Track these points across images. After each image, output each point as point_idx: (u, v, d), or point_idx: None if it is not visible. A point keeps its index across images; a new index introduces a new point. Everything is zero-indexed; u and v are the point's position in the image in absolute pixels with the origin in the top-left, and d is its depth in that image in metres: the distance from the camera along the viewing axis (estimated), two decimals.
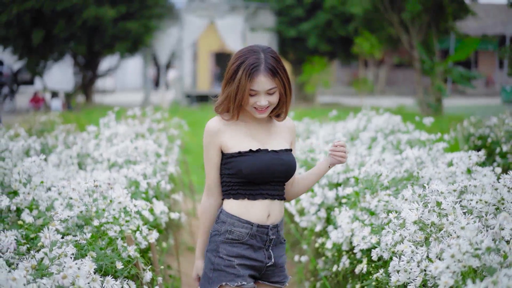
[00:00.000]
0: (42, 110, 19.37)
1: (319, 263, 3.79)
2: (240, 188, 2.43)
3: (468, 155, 3.34)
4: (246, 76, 2.34)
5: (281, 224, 2.52)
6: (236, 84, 2.36)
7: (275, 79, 2.37)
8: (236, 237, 2.41)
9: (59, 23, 21.19)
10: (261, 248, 2.44)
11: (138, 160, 4.05)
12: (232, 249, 2.41)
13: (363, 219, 3.06)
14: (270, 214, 2.45)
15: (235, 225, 2.41)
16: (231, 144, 2.42)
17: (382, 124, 5.36)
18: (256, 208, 2.42)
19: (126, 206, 2.90)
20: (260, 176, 2.39)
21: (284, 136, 2.54)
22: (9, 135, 4.54)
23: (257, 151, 2.41)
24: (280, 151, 2.46)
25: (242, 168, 2.38)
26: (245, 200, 2.42)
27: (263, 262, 2.45)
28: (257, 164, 2.38)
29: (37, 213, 3.03)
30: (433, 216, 2.29)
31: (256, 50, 2.38)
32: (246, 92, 2.35)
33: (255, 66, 2.35)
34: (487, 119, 6.49)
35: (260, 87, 2.36)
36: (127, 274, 2.56)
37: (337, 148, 2.53)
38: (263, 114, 2.42)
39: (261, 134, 2.48)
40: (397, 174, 3.44)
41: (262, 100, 2.37)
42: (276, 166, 2.42)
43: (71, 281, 1.86)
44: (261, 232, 2.42)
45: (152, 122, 5.98)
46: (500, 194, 2.57)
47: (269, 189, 2.44)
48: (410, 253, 2.16)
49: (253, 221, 2.41)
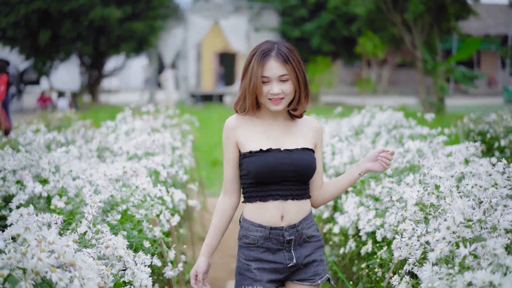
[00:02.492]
0: (49, 110, 19.64)
1: (327, 248, 4.03)
2: (253, 190, 2.40)
3: (465, 146, 3.57)
4: (257, 63, 2.32)
5: (304, 222, 2.43)
6: (250, 73, 2.34)
7: (286, 65, 2.33)
8: (251, 241, 2.39)
9: (65, 23, 21.48)
10: (280, 249, 2.39)
11: (156, 152, 4.32)
12: (249, 253, 2.39)
13: (368, 204, 3.31)
14: (284, 215, 2.38)
15: (250, 230, 2.40)
16: (245, 142, 2.40)
17: (385, 120, 5.60)
18: (267, 210, 2.37)
19: (149, 193, 3.14)
20: (268, 176, 2.35)
21: (305, 136, 2.46)
22: (31, 130, 4.80)
23: (267, 151, 2.36)
24: (295, 150, 2.39)
25: (251, 168, 2.36)
26: (257, 202, 2.39)
27: (283, 264, 2.39)
28: (265, 163, 2.34)
29: (67, 199, 3.28)
30: (432, 197, 2.53)
31: (270, 41, 2.39)
32: (259, 80, 2.32)
33: (266, 53, 2.34)
34: (487, 116, 6.72)
35: (271, 73, 2.32)
36: (153, 251, 2.81)
37: (386, 155, 2.45)
38: (278, 106, 2.36)
39: (278, 133, 2.43)
40: (399, 165, 3.68)
41: (275, 88, 2.32)
42: (286, 165, 2.36)
43: (113, 251, 2.11)
44: (275, 234, 2.38)
45: (166, 118, 6.25)
46: (493, 180, 2.81)
47: (280, 189, 2.37)
48: (411, 230, 2.40)
49: (265, 224, 2.37)
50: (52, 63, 23.57)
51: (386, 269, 2.83)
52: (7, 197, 3.34)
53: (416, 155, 3.93)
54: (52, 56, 23.00)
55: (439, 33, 19.39)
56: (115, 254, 2.14)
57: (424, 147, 4.06)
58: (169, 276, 2.89)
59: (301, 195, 2.43)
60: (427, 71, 19.16)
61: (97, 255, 2.14)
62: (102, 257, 2.17)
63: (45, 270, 1.71)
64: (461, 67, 19.79)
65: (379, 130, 5.38)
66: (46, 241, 1.75)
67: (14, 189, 3.33)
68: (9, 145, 4.19)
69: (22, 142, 4.23)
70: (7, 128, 9.82)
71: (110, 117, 7.57)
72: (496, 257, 1.71)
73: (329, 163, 4.40)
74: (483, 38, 22.98)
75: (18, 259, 1.69)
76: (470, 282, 1.63)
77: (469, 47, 18.57)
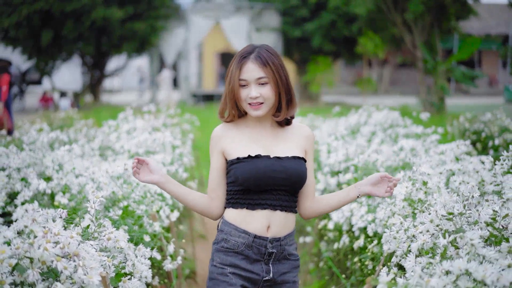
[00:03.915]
0: (51, 110, 19.78)
1: (322, 245, 4.15)
2: (240, 197, 2.31)
3: (456, 145, 3.68)
4: (235, 67, 2.28)
5: (288, 238, 2.35)
6: (229, 78, 2.30)
7: (265, 68, 2.26)
8: (231, 246, 2.30)
9: (67, 24, 21.61)
10: (259, 260, 2.31)
11: (156, 150, 4.44)
12: (226, 257, 2.30)
13: (361, 201, 3.42)
14: (271, 225, 2.30)
15: (232, 234, 2.30)
16: (232, 150, 2.33)
17: (382, 119, 5.71)
18: (255, 218, 2.29)
19: (149, 189, 3.26)
20: (257, 183, 2.26)
21: (296, 143, 2.38)
22: (35, 129, 4.92)
23: (256, 157, 2.28)
24: (285, 158, 2.31)
25: (238, 174, 2.28)
26: (244, 209, 2.30)
27: (259, 275, 2.30)
28: (254, 170, 2.26)
29: (70, 196, 3.39)
30: (420, 193, 2.64)
31: (252, 45, 2.34)
32: (236, 83, 2.27)
33: (245, 56, 2.29)
34: (482, 115, 6.83)
35: (249, 76, 2.27)
36: (153, 245, 2.92)
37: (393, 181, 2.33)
38: (257, 111, 2.29)
39: (267, 140, 2.36)
40: (393, 163, 3.79)
41: (253, 91, 2.26)
42: (276, 173, 2.27)
43: (114, 243, 2.23)
44: (258, 243, 2.29)
45: (167, 117, 6.37)
46: (480, 176, 2.93)
47: (269, 199, 2.29)
48: (399, 224, 2.51)
49: (250, 231, 2.29)
50: (54, 63, 23.70)
51: (377, 262, 2.94)
52: (12, 194, 3.45)
53: (410, 153, 4.04)
54: (54, 56, 23.13)
55: (439, 33, 19.47)
56: (117, 246, 2.26)
57: (417, 145, 4.17)
58: (168, 269, 3.00)
59: (290, 207, 2.34)
60: (427, 71, 19.23)
61: (100, 247, 2.25)
62: (104, 249, 2.29)
63: (51, 260, 1.82)
64: (462, 67, 19.86)
65: (375, 129, 5.49)
66: (52, 232, 1.87)
67: (19, 186, 3.45)
68: (13, 144, 4.31)
69: (26, 141, 4.35)
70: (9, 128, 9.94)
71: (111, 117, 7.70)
72: (473, 247, 1.82)
73: (324, 161, 4.51)
74: (484, 38, 23.07)
75: (26, 249, 1.81)
76: (448, 270, 1.73)
77: (469, 47, 18.63)
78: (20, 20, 20.92)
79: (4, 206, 3.32)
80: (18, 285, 1.80)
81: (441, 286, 1.69)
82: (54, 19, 21.53)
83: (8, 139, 4.90)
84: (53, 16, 21.42)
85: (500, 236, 2.07)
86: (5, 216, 3.28)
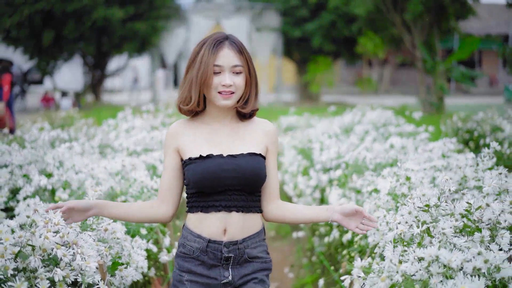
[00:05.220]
0: (52, 109, 19.92)
1: (315, 240, 4.28)
2: (196, 200, 2.18)
3: (443, 142, 3.81)
4: (209, 51, 2.12)
5: (250, 241, 2.19)
6: (199, 62, 2.13)
7: (241, 56, 2.15)
8: (187, 252, 2.18)
9: (69, 24, 21.76)
10: (216, 266, 2.17)
11: (154, 148, 4.57)
12: (183, 263, 2.19)
13: (350, 196, 3.55)
14: (227, 228, 2.16)
15: (188, 239, 2.19)
16: (187, 149, 2.19)
17: (375, 118, 5.84)
18: (209, 221, 2.15)
19: (146, 185, 3.39)
20: (208, 184, 2.12)
21: (255, 139, 2.23)
22: (37, 127, 5.06)
23: (207, 157, 2.14)
24: (240, 156, 2.16)
25: (190, 176, 2.15)
26: (199, 213, 2.17)
27: (217, 280, 2.17)
28: (204, 171, 2.12)
29: (70, 191, 3.53)
30: (404, 188, 2.77)
31: (220, 32, 2.20)
32: (210, 68, 2.11)
33: (220, 41, 2.15)
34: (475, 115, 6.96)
35: (225, 62, 2.13)
36: (149, 238, 3.06)
37: (370, 222, 2.17)
38: (227, 100, 2.15)
39: (223, 137, 2.21)
40: (382, 160, 3.91)
41: (227, 78, 2.12)
42: (227, 172, 2.12)
43: (111, 234, 2.36)
44: (213, 248, 2.15)
45: (165, 117, 6.51)
46: (463, 172, 3.06)
47: (223, 200, 2.14)
48: (383, 217, 2.63)
49: (204, 236, 2.16)
50: (55, 63, 23.86)
51: (364, 254, 3.07)
52: (15, 190, 3.59)
53: (400, 151, 4.17)
54: (55, 56, 23.29)
55: (438, 33, 19.56)
56: (113, 237, 2.39)
57: (408, 143, 4.30)
58: (164, 260, 3.14)
59: (248, 207, 2.18)
60: (426, 70, 19.33)
61: (97, 238, 2.38)
62: (101, 240, 2.42)
63: (51, 247, 1.96)
64: (461, 67, 19.96)
65: (369, 128, 5.61)
66: (52, 222, 2.00)
67: (21, 182, 3.59)
68: (15, 141, 4.45)
69: (28, 139, 4.49)
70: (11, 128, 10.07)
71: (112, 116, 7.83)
72: (445, 236, 1.94)
73: (317, 158, 4.64)
74: (485, 37, 23.13)
75: (28, 237, 1.94)
76: (421, 257, 1.86)
77: (468, 47, 18.73)
78: (22, 20, 21.08)
79: (7, 201, 3.46)
80: (21, 271, 1.93)
81: (413, 271, 1.82)
82: (55, 19, 21.69)
83: (10, 137, 5.03)
84: (55, 16, 21.57)
85: (474, 227, 2.20)
86: (7, 211, 3.42)
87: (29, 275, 1.92)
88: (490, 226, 2.19)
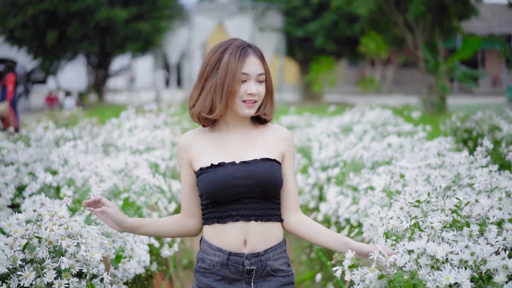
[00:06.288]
0: (56, 109, 20.05)
1: None
2: (211, 211, 2.09)
3: (438, 141, 3.89)
4: (235, 58, 2.04)
5: (271, 252, 2.09)
6: (224, 70, 2.03)
7: (264, 64, 2.10)
8: (207, 266, 2.08)
9: (72, 24, 21.92)
10: (238, 280, 2.06)
11: (157, 147, 4.67)
12: (202, 279, 2.09)
13: (347, 193, 3.64)
14: (247, 239, 2.05)
15: (207, 253, 2.08)
16: (198, 160, 2.10)
17: (374, 118, 5.93)
18: (228, 233, 2.05)
19: (148, 182, 3.49)
20: (221, 194, 2.03)
21: (269, 145, 2.14)
22: (42, 126, 5.15)
23: (219, 165, 2.05)
24: (253, 162, 2.07)
25: (202, 187, 2.06)
26: (216, 224, 2.07)
27: None
28: (216, 181, 2.03)
29: (74, 188, 3.62)
30: (398, 185, 2.85)
31: (237, 38, 2.13)
32: (237, 76, 2.03)
33: (244, 48, 2.07)
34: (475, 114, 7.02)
35: (252, 70, 2.05)
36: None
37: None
38: (251, 109, 2.07)
39: (236, 145, 2.12)
40: (379, 158, 4.00)
41: (253, 87, 2.05)
42: (240, 180, 2.03)
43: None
44: (234, 261, 2.05)
45: (167, 116, 6.61)
46: (456, 170, 3.14)
47: (240, 209, 2.04)
48: (377, 213, 2.72)
49: (225, 248, 2.05)
50: (59, 63, 24.02)
51: None
52: (21, 187, 3.68)
53: (397, 150, 4.25)
54: (59, 56, 23.46)
55: (441, 33, 19.60)
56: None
57: (405, 142, 4.38)
58: (165, 255, 3.23)
59: (267, 216, 2.08)
60: (428, 70, 19.37)
61: (101, 232, 2.48)
62: (105, 234, 2.51)
63: (57, 239, 2.05)
64: (464, 67, 19.99)
65: (367, 127, 5.70)
66: (58, 215, 2.09)
67: (26, 179, 3.68)
68: (21, 140, 4.55)
69: (33, 137, 4.59)
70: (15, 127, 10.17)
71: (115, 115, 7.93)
72: (433, 229, 2.03)
73: (315, 156, 4.73)
74: (487, 37, 23.15)
75: (35, 230, 2.04)
76: (410, 250, 1.95)
77: (470, 46, 18.76)
78: (26, 20, 21.25)
79: (13, 198, 3.55)
80: (28, 261, 2.03)
81: (403, 263, 1.91)
82: (59, 19, 21.84)
83: (16, 136, 5.13)
84: (58, 16, 21.72)
85: (464, 222, 2.28)
86: (14, 207, 3.51)
87: (36, 265, 2.02)
88: (480, 221, 2.27)
